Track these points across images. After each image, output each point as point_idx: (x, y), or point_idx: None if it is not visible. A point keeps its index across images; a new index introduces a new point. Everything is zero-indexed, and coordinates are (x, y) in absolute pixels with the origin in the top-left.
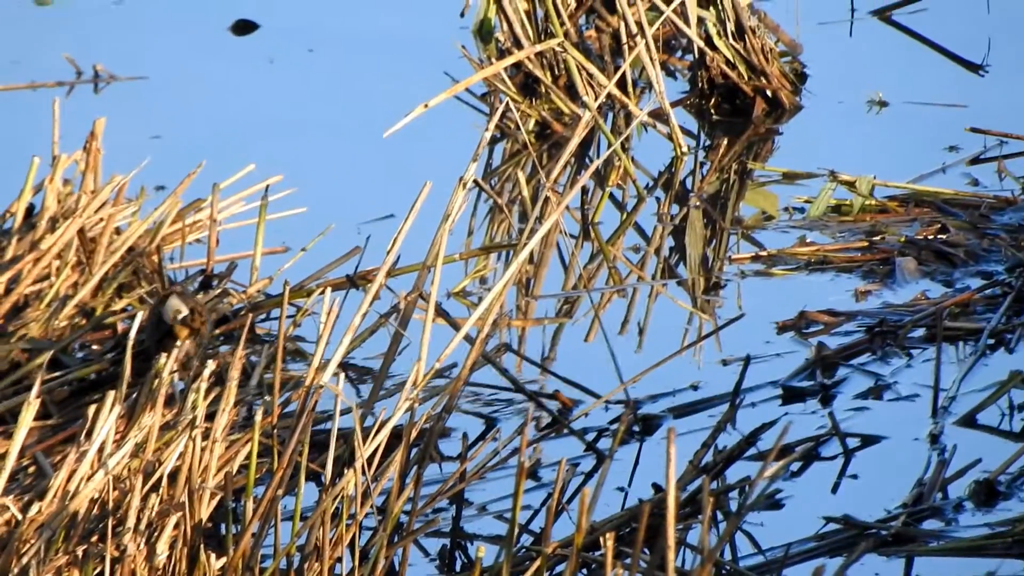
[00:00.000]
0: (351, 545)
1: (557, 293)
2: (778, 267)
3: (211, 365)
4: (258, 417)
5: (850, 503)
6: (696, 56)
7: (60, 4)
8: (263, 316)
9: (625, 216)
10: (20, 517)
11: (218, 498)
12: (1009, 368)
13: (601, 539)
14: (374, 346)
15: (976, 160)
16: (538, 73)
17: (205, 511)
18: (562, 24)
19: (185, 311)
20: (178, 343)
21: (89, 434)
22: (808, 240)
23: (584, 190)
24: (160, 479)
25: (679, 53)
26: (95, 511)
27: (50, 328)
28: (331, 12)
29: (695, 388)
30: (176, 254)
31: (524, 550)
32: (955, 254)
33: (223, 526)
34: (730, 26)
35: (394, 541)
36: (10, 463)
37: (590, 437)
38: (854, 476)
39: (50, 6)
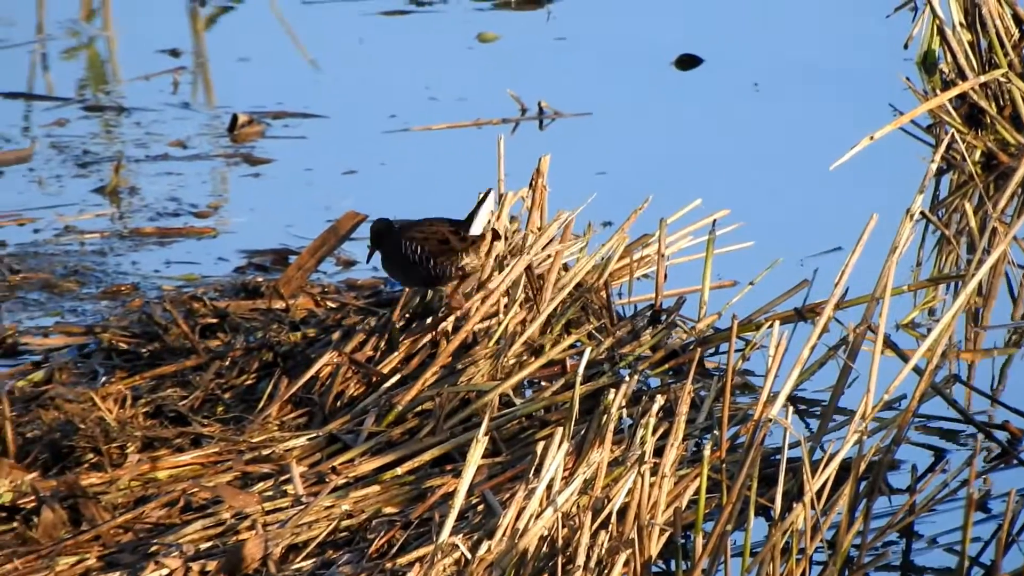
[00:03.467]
0: None
1: (1006, 324)
2: None
3: (660, 399)
4: (707, 452)
5: None
6: None
7: (505, 41)
8: (711, 350)
9: None
10: (469, 556)
11: (667, 535)
12: None
13: None
14: (822, 379)
15: None
16: (983, 104)
17: (654, 548)
18: (1006, 55)
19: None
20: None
21: (538, 471)
22: None
23: None
24: (609, 516)
25: None
26: (544, 549)
27: (498, 365)
28: (774, 46)
29: None
30: (624, 289)
31: None
32: None
33: (672, 563)
34: None
35: (844, 575)
36: (459, 501)
37: None
38: None
39: (494, 42)
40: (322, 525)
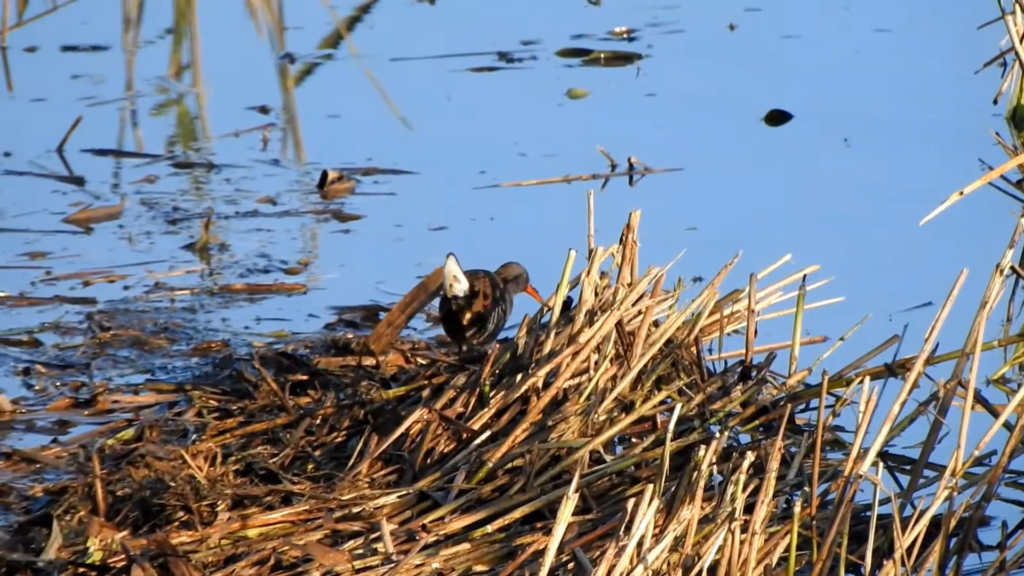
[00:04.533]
0: None
1: None
2: None
3: (750, 456)
4: (797, 508)
5: None
6: None
7: (594, 97)
8: (802, 406)
9: None
10: None
11: None
12: None
13: None
14: (912, 435)
15: None
16: None
17: None
18: None
19: (461, 288)
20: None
21: (628, 528)
22: None
23: None
24: (699, 574)
25: None
26: None
27: (589, 422)
28: (864, 102)
29: None
30: (714, 345)
31: None
32: None
33: None
34: None
35: None
36: (549, 559)
37: None
38: None
39: (584, 98)
40: None
